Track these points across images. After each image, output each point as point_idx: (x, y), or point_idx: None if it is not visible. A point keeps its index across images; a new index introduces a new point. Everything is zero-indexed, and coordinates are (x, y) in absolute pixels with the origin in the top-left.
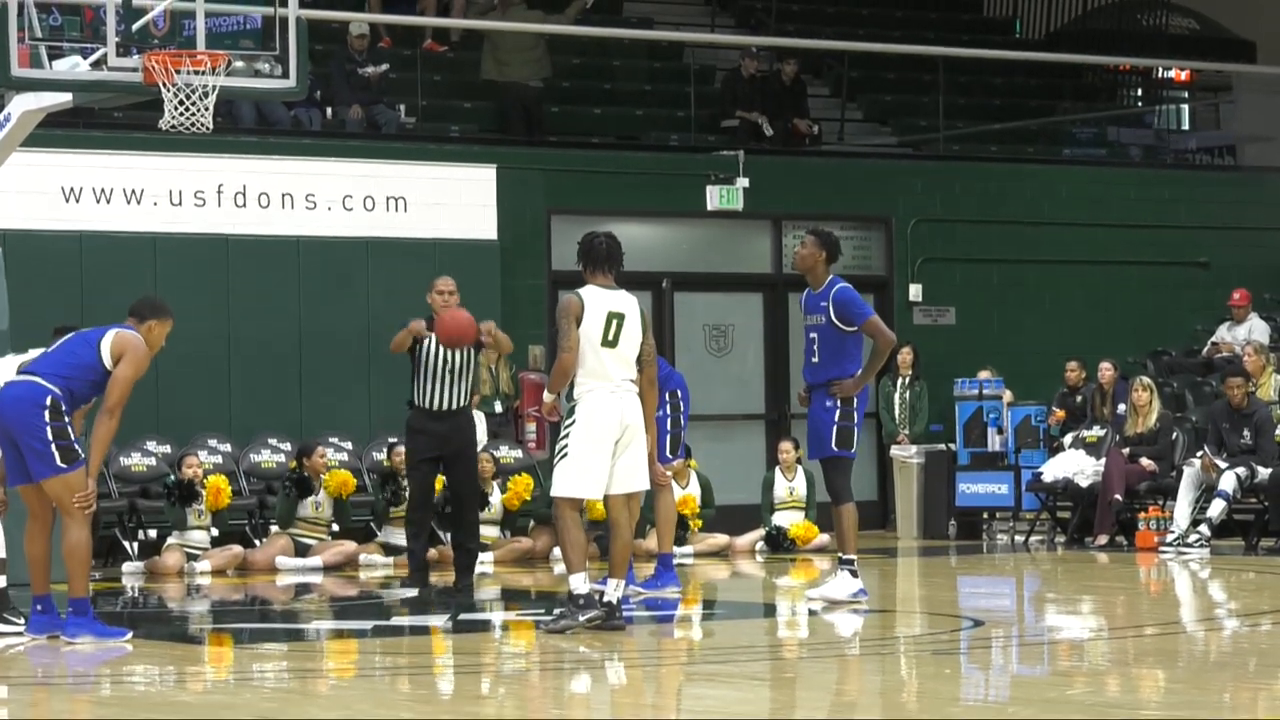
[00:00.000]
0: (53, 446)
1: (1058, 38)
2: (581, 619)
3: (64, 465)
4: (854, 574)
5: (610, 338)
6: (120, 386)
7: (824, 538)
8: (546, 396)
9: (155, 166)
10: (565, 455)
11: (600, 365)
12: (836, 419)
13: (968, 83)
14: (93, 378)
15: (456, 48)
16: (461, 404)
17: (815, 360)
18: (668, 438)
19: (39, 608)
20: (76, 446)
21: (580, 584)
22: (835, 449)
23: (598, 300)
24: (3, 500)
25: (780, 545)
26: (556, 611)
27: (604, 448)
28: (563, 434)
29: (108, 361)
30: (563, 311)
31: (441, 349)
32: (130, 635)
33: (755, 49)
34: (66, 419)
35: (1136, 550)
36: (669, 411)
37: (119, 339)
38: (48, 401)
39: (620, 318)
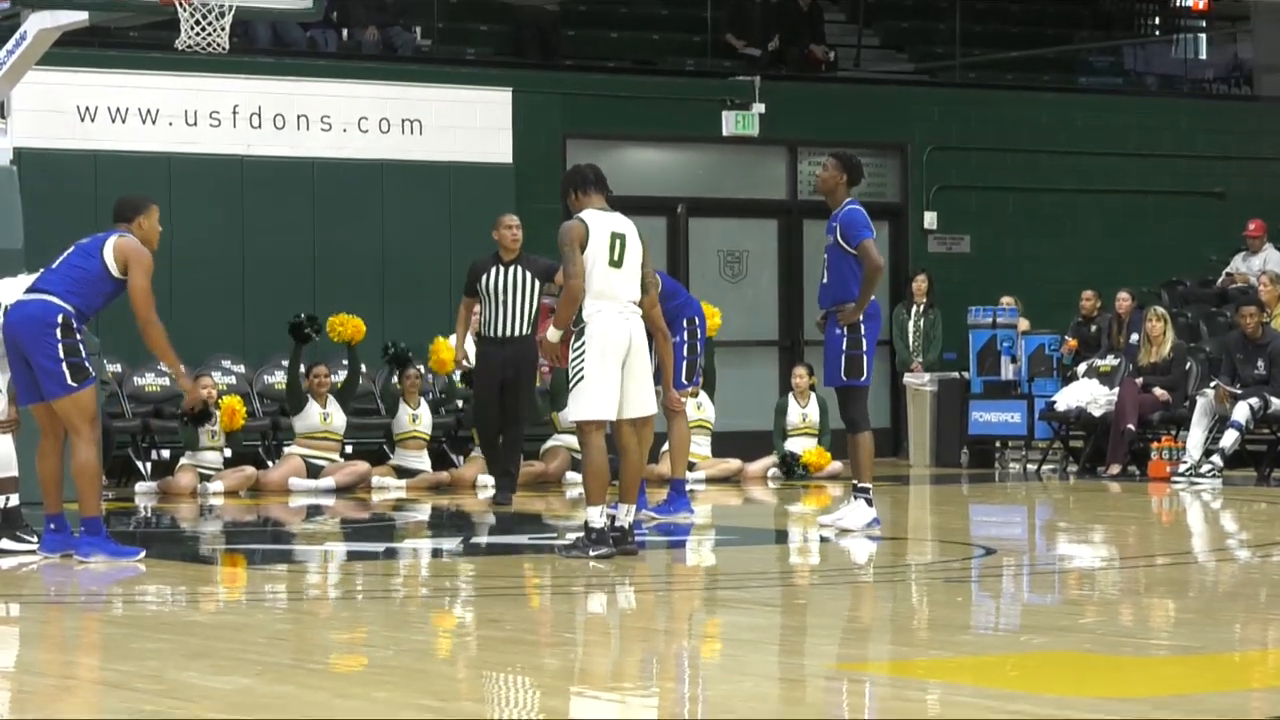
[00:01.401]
0: (63, 365)
1: None
2: (592, 553)
3: (74, 384)
4: (869, 503)
5: (616, 258)
6: (141, 296)
7: (837, 465)
8: (552, 335)
9: (171, 86)
10: (581, 378)
11: (608, 285)
12: (844, 348)
13: (985, 9)
14: (103, 288)
15: None
16: (523, 331)
17: (824, 281)
18: (684, 364)
19: (52, 526)
20: (87, 364)
21: (596, 517)
22: (845, 378)
23: (599, 222)
24: (15, 419)
25: (793, 472)
26: (571, 537)
27: (617, 367)
28: (574, 357)
29: (114, 269)
30: (566, 238)
31: (504, 278)
32: (143, 555)
33: None
34: (78, 336)
35: (1149, 480)
36: (686, 338)
37: (120, 247)
38: (59, 320)
39: (622, 238)
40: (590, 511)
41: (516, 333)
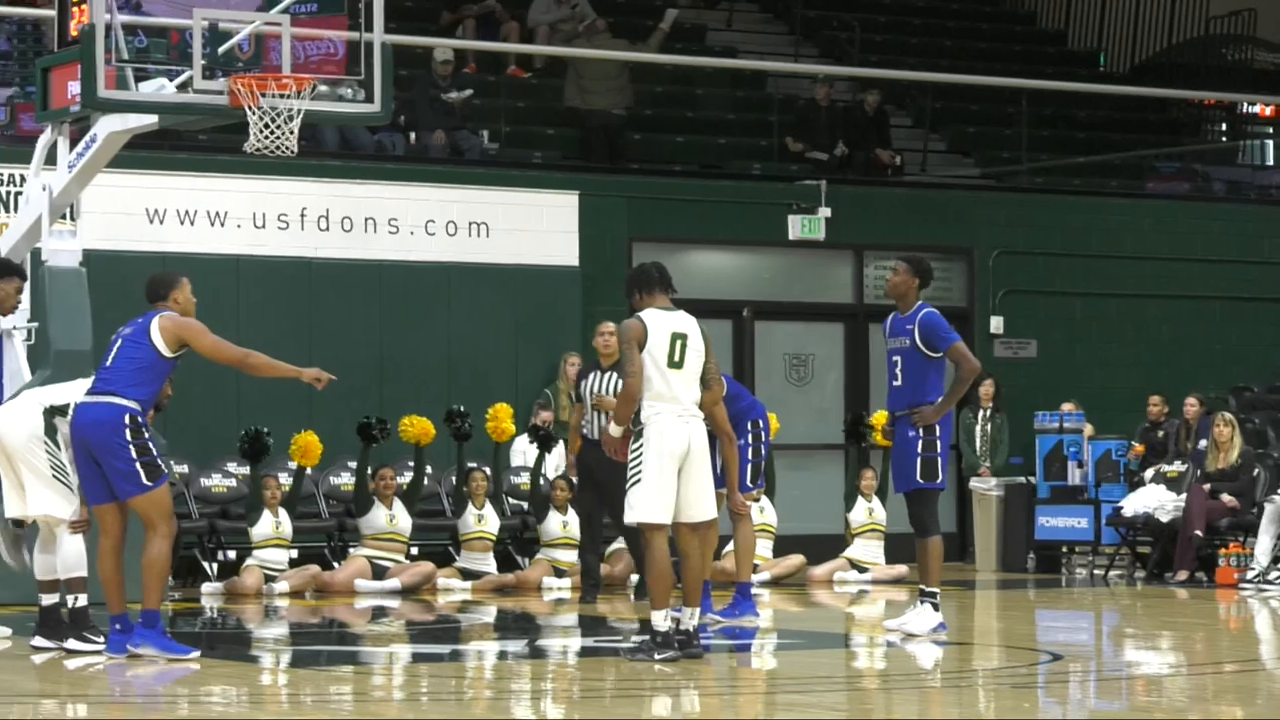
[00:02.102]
0: (138, 465)
1: (1142, 71)
2: (657, 658)
3: (149, 483)
4: (935, 607)
5: (676, 359)
6: (220, 351)
7: (901, 568)
8: (614, 430)
9: (239, 189)
10: (638, 480)
11: (668, 388)
12: (920, 450)
13: (1051, 115)
14: (161, 372)
15: (540, 74)
16: None
17: (897, 384)
18: (749, 466)
19: (117, 627)
20: (159, 462)
21: (661, 621)
22: (921, 481)
23: (660, 322)
24: (86, 520)
25: (862, 434)
26: (636, 639)
27: (674, 471)
28: (633, 458)
29: (165, 350)
30: (625, 336)
31: (601, 384)
32: (198, 653)
33: (830, 78)
34: (146, 434)
35: (1216, 586)
36: (750, 441)
37: (166, 328)
38: (127, 420)
39: (684, 338)
40: (654, 615)
41: None
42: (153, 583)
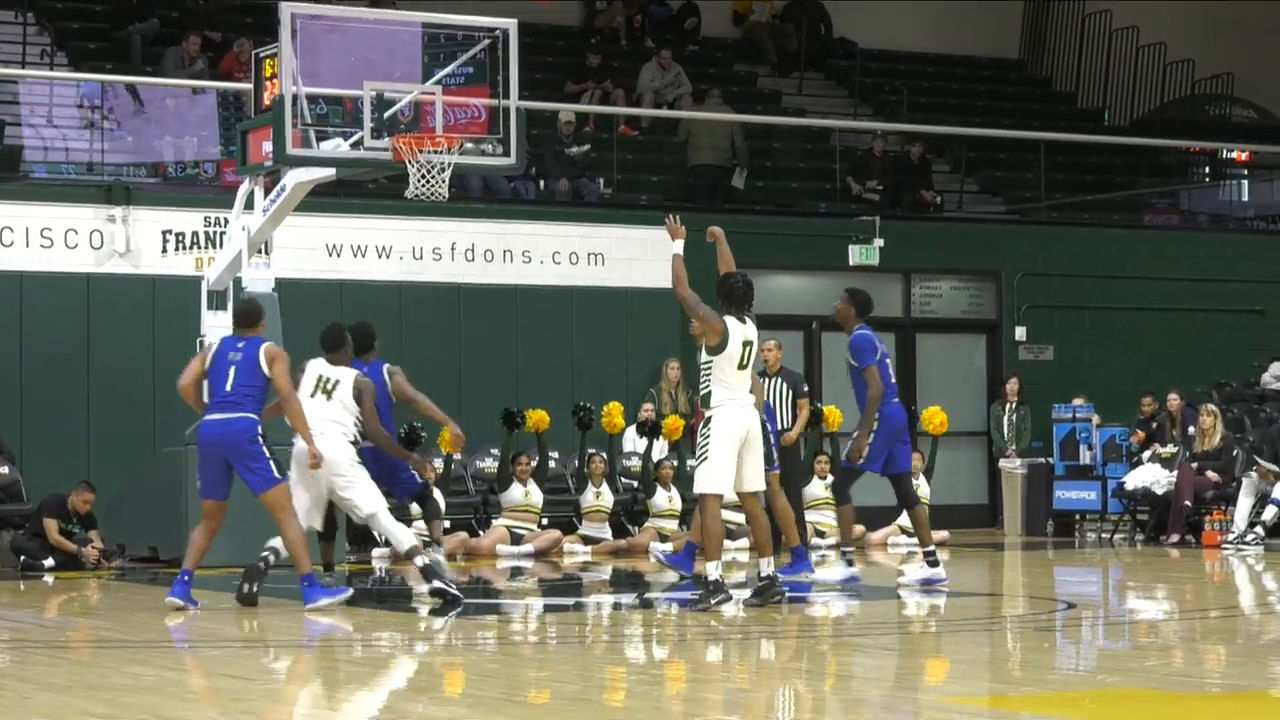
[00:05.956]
0: (270, 463)
1: (1140, 125)
2: (712, 602)
3: (279, 477)
4: (850, 563)
5: (743, 361)
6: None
7: (943, 533)
8: (676, 248)
9: (401, 228)
10: (706, 459)
11: (734, 382)
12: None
13: (1065, 161)
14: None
15: (645, 132)
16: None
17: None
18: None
19: (305, 584)
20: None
21: (714, 571)
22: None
23: (737, 330)
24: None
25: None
26: (697, 592)
27: (734, 452)
28: (701, 441)
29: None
30: (706, 315)
31: (766, 389)
32: (350, 592)
33: (887, 134)
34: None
35: (1203, 547)
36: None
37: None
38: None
39: (750, 345)
40: (709, 566)
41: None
42: (301, 554)
